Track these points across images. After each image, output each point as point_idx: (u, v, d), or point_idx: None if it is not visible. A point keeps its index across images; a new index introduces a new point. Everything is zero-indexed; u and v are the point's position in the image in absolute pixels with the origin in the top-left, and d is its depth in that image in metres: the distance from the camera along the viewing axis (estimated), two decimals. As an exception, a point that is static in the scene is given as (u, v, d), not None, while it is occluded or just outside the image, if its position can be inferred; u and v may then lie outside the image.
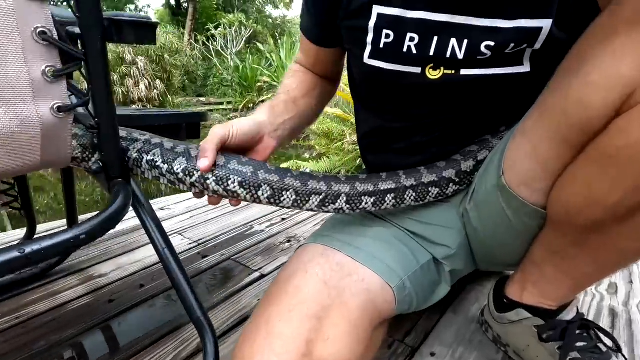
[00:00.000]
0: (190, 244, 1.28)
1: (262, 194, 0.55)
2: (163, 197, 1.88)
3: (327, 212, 0.59)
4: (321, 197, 0.57)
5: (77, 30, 0.46)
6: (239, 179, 0.55)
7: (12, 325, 0.87)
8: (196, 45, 11.88)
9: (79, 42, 0.48)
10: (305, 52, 0.77)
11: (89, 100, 0.50)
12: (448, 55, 0.56)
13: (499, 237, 0.62)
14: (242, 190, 0.55)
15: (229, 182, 0.54)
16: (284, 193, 0.55)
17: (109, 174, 0.55)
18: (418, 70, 0.58)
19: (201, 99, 10.84)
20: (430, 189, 0.63)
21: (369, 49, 0.61)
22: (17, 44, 0.42)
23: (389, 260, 0.60)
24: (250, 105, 9.86)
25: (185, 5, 13.61)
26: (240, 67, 10.50)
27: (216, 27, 12.10)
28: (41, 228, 1.44)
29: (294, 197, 0.56)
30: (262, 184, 0.55)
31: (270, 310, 0.53)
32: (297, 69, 0.79)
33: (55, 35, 0.44)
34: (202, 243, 1.28)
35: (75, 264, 1.14)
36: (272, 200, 0.56)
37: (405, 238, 0.66)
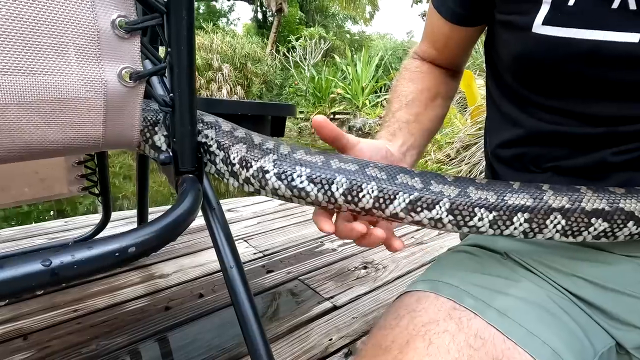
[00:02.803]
0: (255, 253, 1.17)
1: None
2: (231, 199, 1.83)
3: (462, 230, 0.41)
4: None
5: (160, -29, 0.35)
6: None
7: (69, 318, 0.81)
8: (277, 55, 12.42)
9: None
10: (431, 36, 0.61)
11: (165, 67, 0.38)
12: None
13: None
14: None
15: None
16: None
17: (178, 167, 0.43)
18: (635, 38, 0.37)
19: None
20: (592, 220, 0.40)
21: (544, 10, 0.41)
22: (83, -22, 0.31)
23: (555, 343, 0.39)
24: (321, 116, 9.93)
25: (270, 19, 14.37)
26: (316, 78, 10.69)
27: (297, 39, 12.55)
28: (116, 215, 1.44)
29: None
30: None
31: None
32: (416, 67, 0.63)
33: (134, -25, 0.33)
34: (268, 255, 1.16)
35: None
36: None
37: (571, 307, 0.44)
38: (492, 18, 0.53)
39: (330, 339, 0.76)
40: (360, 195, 0.40)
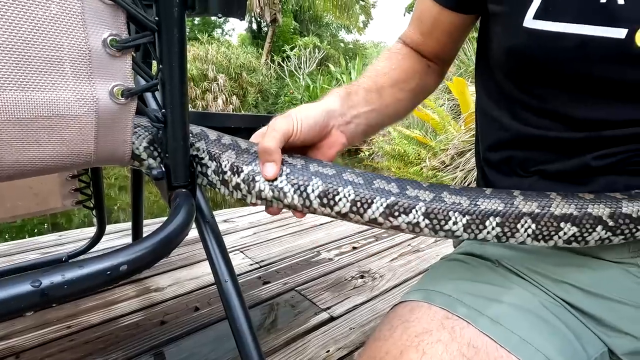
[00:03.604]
0: (251, 264, 1.16)
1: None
2: (228, 209, 1.82)
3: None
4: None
5: (151, -10, 0.35)
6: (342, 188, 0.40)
7: (62, 335, 0.80)
8: (272, 65, 12.51)
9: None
10: (418, 19, 0.59)
11: (157, 84, 0.39)
12: None
13: None
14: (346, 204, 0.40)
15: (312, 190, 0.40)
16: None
17: (171, 182, 0.43)
18: (621, 34, 0.37)
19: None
20: (561, 224, 0.41)
21: (536, 4, 0.41)
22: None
23: (548, 349, 0.39)
24: (317, 124, 10.00)
25: (265, 29, 14.51)
26: (311, 87, 10.77)
27: (292, 49, 12.65)
28: (111, 228, 1.43)
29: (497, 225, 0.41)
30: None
31: None
32: (397, 49, 0.61)
33: (125, -6, 0.34)
34: (264, 266, 1.15)
35: (135, 273, 1.08)
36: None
37: (563, 313, 0.44)
38: (485, 10, 0.52)
39: (328, 351, 0.75)
40: (337, 199, 0.40)
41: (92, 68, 0.34)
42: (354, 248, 1.30)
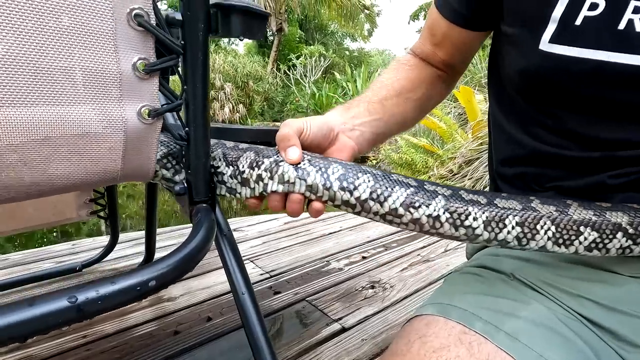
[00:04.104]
0: (261, 274, 1.17)
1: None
2: (236, 218, 1.84)
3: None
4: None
5: (177, 16, 0.37)
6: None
7: (79, 344, 0.81)
8: (278, 73, 12.63)
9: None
10: (429, 31, 0.59)
11: (181, 104, 0.40)
12: None
13: None
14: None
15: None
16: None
17: (192, 197, 0.45)
18: (639, 60, 0.39)
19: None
20: (581, 228, 0.41)
21: (551, 28, 0.41)
22: (108, 26, 0.33)
23: (569, 367, 0.39)
24: (323, 132, 10.03)
25: (271, 38, 14.70)
26: (317, 95, 10.84)
27: (297, 58, 12.78)
28: (122, 237, 1.45)
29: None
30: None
31: None
32: (405, 60, 0.61)
33: (153, 20, 0.35)
34: (274, 275, 1.16)
35: (147, 282, 1.09)
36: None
37: (580, 328, 0.44)
38: (497, 28, 0.52)
39: (340, 363, 0.76)
40: (357, 183, 0.41)
41: (122, 90, 0.36)
42: (364, 258, 1.30)
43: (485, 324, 0.43)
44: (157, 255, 1.14)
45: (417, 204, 0.40)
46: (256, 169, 0.43)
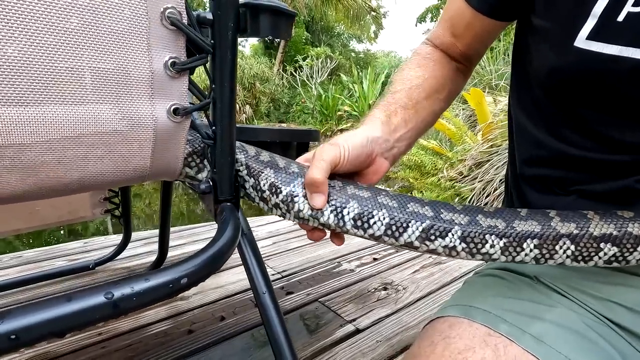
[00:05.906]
0: (273, 274, 1.17)
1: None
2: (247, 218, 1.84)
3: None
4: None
5: (208, 15, 0.37)
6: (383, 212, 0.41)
7: (94, 342, 0.82)
8: (284, 75, 12.67)
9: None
10: (450, 21, 0.57)
11: (210, 103, 0.40)
12: None
13: None
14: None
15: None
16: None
17: (217, 195, 0.45)
18: None
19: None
20: (601, 245, 0.40)
21: (590, 24, 0.39)
22: (142, 25, 0.33)
23: (597, 371, 0.39)
24: (329, 133, 10.03)
25: (277, 40, 14.76)
26: (323, 96, 10.84)
27: (304, 59, 12.81)
28: (134, 235, 1.46)
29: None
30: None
31: None
32: (427, 53, 0.59)
33: (185, 20, 0.36)
34: (286, 276, 1.16)
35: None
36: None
37: (608, 332, 0.43)
38: (526, 21, 0.49)
39: (356, 364, 0.75)
40: (371, 222, 0.41)
41: (154, 89, 0.36)
42: (375, 259, 1.30)
43: (511, 327, 0.43)
44: (170, 254, 1.15)
45: (432, 237, 0.41)
46: (274, 196, 0.43)
